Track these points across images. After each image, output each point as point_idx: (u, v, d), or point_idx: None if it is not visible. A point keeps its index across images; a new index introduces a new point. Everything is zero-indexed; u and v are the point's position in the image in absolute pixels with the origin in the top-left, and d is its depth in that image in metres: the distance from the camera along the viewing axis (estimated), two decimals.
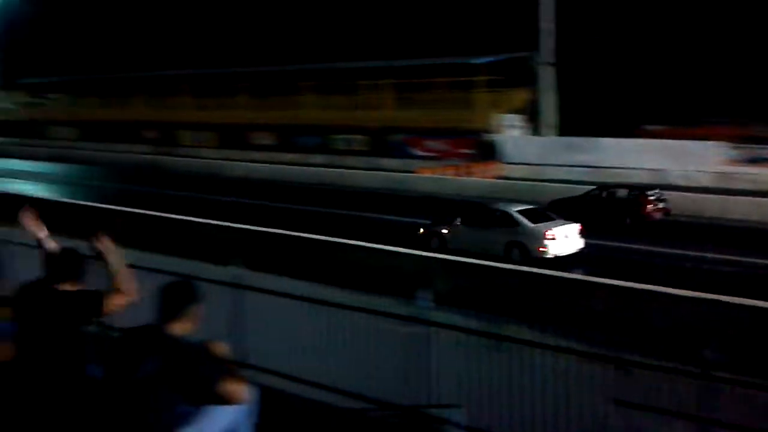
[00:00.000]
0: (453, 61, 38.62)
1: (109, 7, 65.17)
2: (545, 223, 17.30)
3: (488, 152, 34.71)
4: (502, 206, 18.64)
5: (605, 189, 23.16)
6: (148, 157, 45.76)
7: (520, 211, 17.68)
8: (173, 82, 50.85)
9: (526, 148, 35.14)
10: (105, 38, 64.88)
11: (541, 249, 16.68)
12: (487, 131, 35.95)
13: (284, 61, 47.94)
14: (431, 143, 37.76)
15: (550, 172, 31.01)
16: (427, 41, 43.29)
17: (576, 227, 17.48)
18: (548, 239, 16.72)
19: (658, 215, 21.75)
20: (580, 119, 35.39)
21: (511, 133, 36.87)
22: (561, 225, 17.43)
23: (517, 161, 33.36)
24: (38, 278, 4.61)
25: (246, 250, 12.71)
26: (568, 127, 36.09)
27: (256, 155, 42.75)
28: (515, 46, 37.19)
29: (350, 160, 38.77)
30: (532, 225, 17.11)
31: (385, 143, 39.29)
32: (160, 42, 59.70)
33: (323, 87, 42.75)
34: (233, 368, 3.96)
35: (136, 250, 9.81)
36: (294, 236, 16.87)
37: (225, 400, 3.62)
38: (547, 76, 36.16)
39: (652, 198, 22.02)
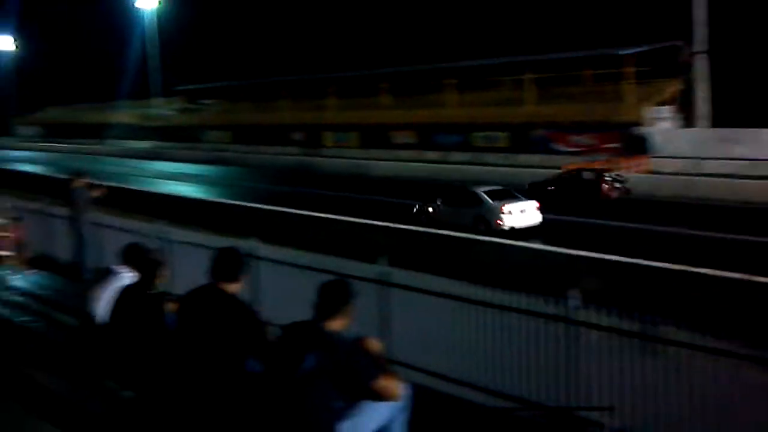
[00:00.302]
0: (599, 53, 37.49)
1: (258, 15, 68.04)
2: (503, 201, 20.08)
3: (637, 146, 33.29)
4: (471, 187, 21.79)
5: (570, 172, 26.81)
6: (296, 158, 47.31)
7: (485, 191, 20.76)
8: (319, 84, 52.39)
9: (677, 141, 33.42)
10: (257, 45, 67.82)
11: (498, 222, 19.63)
12: (637, 124, 34.54)
13: (425, 60, 48.28)
14: (576, 138, 36.68)
15: (704, 166, 29.14)
16: (572, 33, 42.26)
17: (534, 204, 20.44)
18: (504, 214, 19.61)
19: (614, 194, 25.03)
20: (735, 110, 33.31)
21: (661, 125, 35.28)
22: (518, 202, 20.31)
23: (669, 155, 31.72)
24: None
25: (390, 247, 12.89)
26: (721, 119, 34.10)
27: (398, 154, 43.25)
28: (665, 36, 35.57)
29: (491, 157, 38.38)
30: (492, 202, 20.07)
31: (527, 139, 38.60)
32: (306, 46, 61.72)
33: (464, 84, 42.65)
34: (387, 365, 4.02)
35: (289, 248, 10.22)
36: (436, 234, 16.91)
37: (380, 396, 3.68)
38: (700, 66, 34.26)
39: (608, 179, 25.25)
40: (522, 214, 19.95)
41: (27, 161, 53.12)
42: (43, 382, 5.00)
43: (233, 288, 4.52)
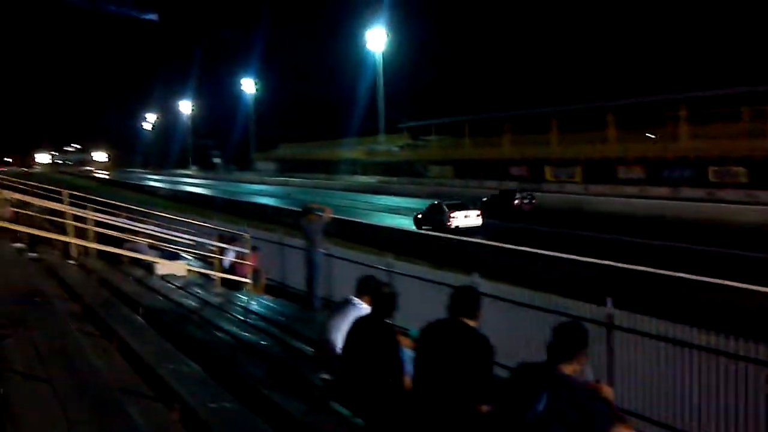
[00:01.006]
0: None
1: (479, 53, 68.95)
2: (455, 210, 30.59)
3: None
4: (440, 201, 32.25)
5: (502, 190, 40.45)
6: None
7: (446, 204, 31.34)
8: (541, 118, 51.94)
9: None
10: (479, 81, 68.79)
11: (447, 223, 29.85)
12: None
13: (653, 90, 46.20)
14: None
15: None
16: None
17: (476, 212, 31.36)
18: (452, 218, 30.05)
19: (527, 208, 36.77)
20: None
21: None
22: (464, 210, 31.04)
23: None
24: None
25: (615, 288, 12.32)
26: None
27: (623, 189, 41.51)
28: None
29: (729, 194, 35.63)
30: (447, 210, 30.38)
31: None
32: (528, 80, 61.51)
33: (697, 116, 40.15)
34: (620, 413, 3.82)
35: (504, 283, 10.12)
36: (663, 275, 15.87)
37: None
38: None
39: (518, 197, 37.47)
40: (466, 218, 30.55)
41: (264, 194, 57.43)
42: (281, 404, 5.28)
43: (473, 324, 4.55)
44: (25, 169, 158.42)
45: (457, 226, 29.47)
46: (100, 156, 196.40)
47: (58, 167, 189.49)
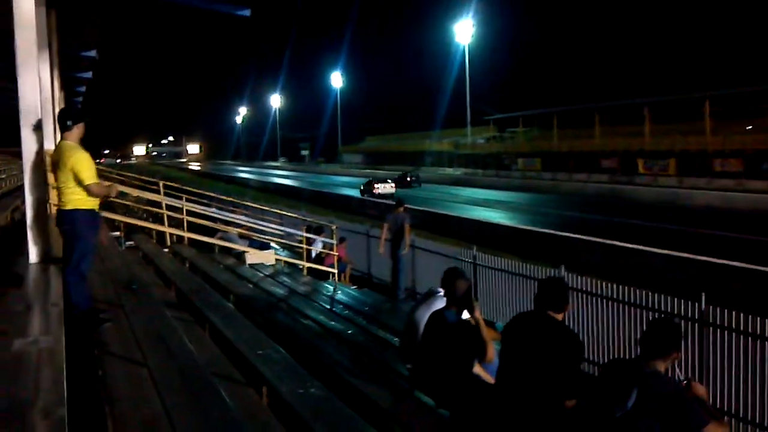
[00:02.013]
0: None
1: (567, 43, 67.47)
2: (378, 182, 49.58)
3: None
4: (371, 179, 51.82)
5: (403, 173, 59.74)
6: (607, 186, 45.97)
7: (377, 179, 52.42)
8: (634, 109, 50.49)
9: None
10: (567, 72, 67.38)
11: (373, 191, 47.49)
12: None
13: (751, 80, 44.22)
14: None
15: None
16: None
17: (392, 184, 50.00)
18: (375, 188, 48.05)
19: (414, 183, 56.29)
20: None
21: None
22: (384, 183, 49.71)
23: None
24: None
25: (707, 284, 11.89)
26: None
27: (719, 183, 39.97)
28: None
29: None
30: (375, 183, 49.29)
31: None
32: (619, 70, 59.88)
33: None
34: (715, 412, 3.71)
35: (595, 278, 9.92)
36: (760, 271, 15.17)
37: None
38: None
39: (409, 176, 57.14)
40: (384, 188, 48.14)
41: (350, 186, 58.01)
42: (367, 392, 5.35)
43: (559, 318, 4.50)
44: (119, 161, 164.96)
45: (380, 193, 46.71)
46: (193, 148, 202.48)
47: (154, 159, 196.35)
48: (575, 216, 31.61)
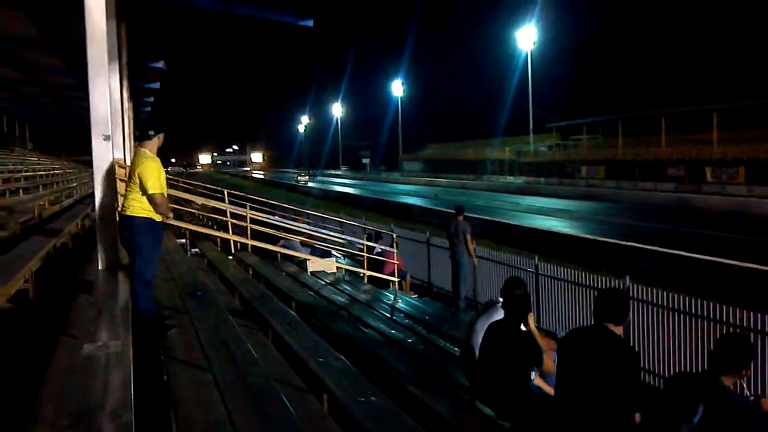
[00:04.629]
0: None
1: (634, 49, 66.19)
2: (300, 175, 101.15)
3: None
4: (298, 172, 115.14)
5: (307, 172, 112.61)
6: (674, 194, 44.92)
7: (300, 172, 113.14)
8: (701, 116, 49.28)
9: None
10: (633, 79, 66.16)
11: (298, 181, 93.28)
12: None
13: None
14: None
15: None
16: None
17: (306, 177, 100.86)
18: (300, 179, 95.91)
19: (310, 178, 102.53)
20: None
21: None
22: (305, 176, 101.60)
23: None
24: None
25: None
26: None
27: None
28: None
29: None
30: (299, 176, 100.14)
31: None
32: (688, 77, 58.50)
33: None
34: None
35: (660, 288, 9.68)
36: None
37: None
38: None
39: (307, 173, 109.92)
40: (305, 179, 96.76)
41: (410, 194, 58.02)
42: (427, 402, 5.33)
43: (618, 331, 4.38)
44: (184, 169, 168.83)
45: (303, 181, 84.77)
46: (257, 157, 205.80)
47: (219, 167, 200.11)
48: (641, 225, 30.93)
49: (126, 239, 6.14)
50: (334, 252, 16.66)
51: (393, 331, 9.17)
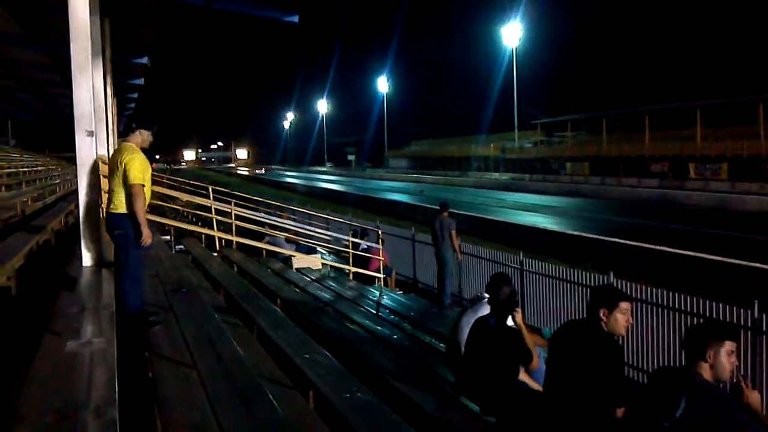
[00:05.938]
0: None
1: (615, 47, 66.50)
2: (259, 168, 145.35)
3: None
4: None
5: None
6: (656, 191, 45.20)
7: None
8: (684, 113, 49.60)
9: None
10: (615, 76, 66.48)
11: (256, 173, 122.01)
12: None
13: None
14: None
15: None
16: None
17: (263, 170, 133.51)
18: (257, 172, 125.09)
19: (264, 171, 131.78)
20: None
21: None
22: (262, 168, 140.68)
23: None
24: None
25: (761, 291, 11.58)
26: None
27: None
28: None
29: None
30: (258, 169, 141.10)
31: None
32: (670, 74, 58.85)
33: None
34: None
35: (643, 284, 9.74)
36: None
37: None
38: None
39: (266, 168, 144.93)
40: (261, 172, 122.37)
41: (396, 191, 58.01)
42: (413, 397, 5.35)
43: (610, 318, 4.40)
44: (169, 166, 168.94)
45: (261, 174, 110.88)
46: (241, 153, 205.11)
47: (203, 164, 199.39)
48: (625, 221, 31.10)
49: (119, 236, 6.11)
50: (319, 248, 16.66)
51: (378, 328, 9.19)
